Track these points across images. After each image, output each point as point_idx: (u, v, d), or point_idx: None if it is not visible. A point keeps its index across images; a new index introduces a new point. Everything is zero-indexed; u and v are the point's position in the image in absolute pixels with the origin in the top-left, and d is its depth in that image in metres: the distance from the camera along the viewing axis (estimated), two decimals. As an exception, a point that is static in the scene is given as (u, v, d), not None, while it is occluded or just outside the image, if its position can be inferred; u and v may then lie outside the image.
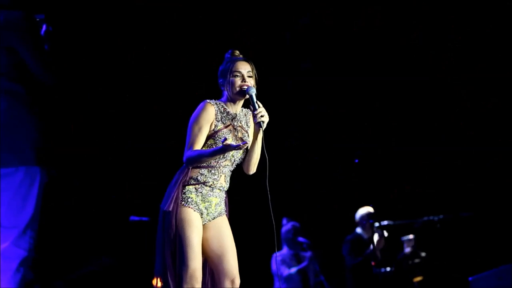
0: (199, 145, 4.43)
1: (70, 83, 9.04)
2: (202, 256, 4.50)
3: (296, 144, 10.64)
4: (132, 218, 8.38)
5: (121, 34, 9.02)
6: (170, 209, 4.40)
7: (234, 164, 4.60)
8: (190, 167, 4.48)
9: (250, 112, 4.62)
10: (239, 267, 4.63)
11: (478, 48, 9.74)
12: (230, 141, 4.40)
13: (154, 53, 9.17)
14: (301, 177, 10.72)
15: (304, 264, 9.06)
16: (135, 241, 8.67)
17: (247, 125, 4.65)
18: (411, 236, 9.15)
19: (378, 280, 8.65)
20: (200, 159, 4.41)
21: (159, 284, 4.55)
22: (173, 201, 4.42)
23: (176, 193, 4.44)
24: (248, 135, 4.63)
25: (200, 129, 4.43)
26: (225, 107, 4.55)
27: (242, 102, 4.61)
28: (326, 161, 10.71)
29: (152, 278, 8.27)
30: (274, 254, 8.93)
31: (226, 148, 4.30)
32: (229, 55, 4.66)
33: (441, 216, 9.10)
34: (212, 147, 4.46)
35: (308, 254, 9.14)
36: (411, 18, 9.86)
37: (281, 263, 9.05)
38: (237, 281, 4.54)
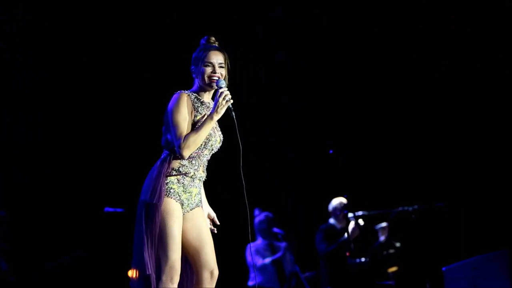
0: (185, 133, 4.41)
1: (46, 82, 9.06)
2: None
3: (270, 134, 10.64)
4: (107, 209, 8.35)
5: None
6: (156, 201, 4.37)
7: (211, 153, 4.59)
8: (171, 159, 4.46)
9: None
10: (222, 258, 4.66)
11: (478, 48, 9.78)
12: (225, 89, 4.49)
13: (123, 48, 9.15)
14: (275, 168, 10.73)
15: (278, 254, 9.08)
16: (109, 232, 8.65)
17: None
18: (384, 224, 9.20)
19: (353, 271, 8.68)
20: (197, 139, 4.40)
21: (135, 275, 4.53)
22: (158, 193, 4.39)
23: (160, 185, 4.40)
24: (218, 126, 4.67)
25: (184, 118, 4.42)
26: (199, 96, 4.55)
27: (213, 91, 4.59)
28: (300, 151, 10.72)
29: (128, 269, 8.29)
30: (249, 245, 8.94)
31: (219, 102, 4.40)
32: (204, 42, 4.63)
33: (415, 207, 9.12)
34: None
35: (282, 244, 9.15)
36: (409, 17, 9.91)
37: (256, 253, 9.06)
38: (216, 272, 4.55)
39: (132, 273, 4.53)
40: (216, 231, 4.73)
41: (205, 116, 4.49)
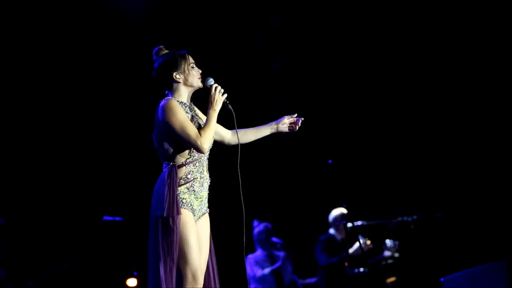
0: (197, 130, 4.50)
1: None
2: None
3: (268, 143, 10.62)
4: (106, 218, 8.37)
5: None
6: (175, 214, 4.41)
7: (209, 151, 4.66)
8: (176, 169, 4.50)
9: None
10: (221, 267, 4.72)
11: (478, 48, 9.78)
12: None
13: (123, 50, 9.16)
14: (273, 177, 10.73)
15: (277, 264, 9.07)
16: (108, 241, 8.66)
17: (195, 111, 4.72)
18: (396, 243, 9.14)
19: (351, 281, 8.68)
20: (211, 131, 4.55)
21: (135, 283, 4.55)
22: (175, 206, 4.43)
23: (175, 197, 4.45)
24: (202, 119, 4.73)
25: (187, 119, 4.50)
26: (180, 100, 4.62)
27: (191, 91, 4.69)
28: (299, 161, 10.72)
29: (126, 278, 8.31)
30: (248, 256, 8.96)
31: (216, 95, 4.57)
32: (172, 50, 4.70)
33: (414, 217, 9.13)
34: None
35: (281, 254, 9.15)
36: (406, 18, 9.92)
37: (255, 264, 9.06)
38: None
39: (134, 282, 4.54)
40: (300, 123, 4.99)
41: (205, 113, 4.61)
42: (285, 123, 5.01)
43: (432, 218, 9.31)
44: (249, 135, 4.92)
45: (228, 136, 4.88)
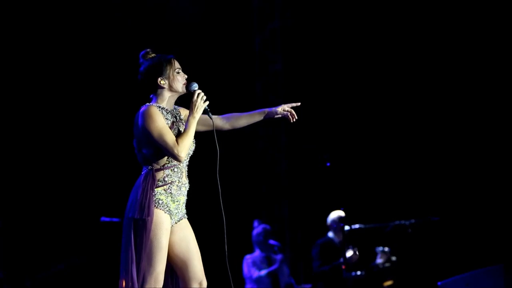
0: (174, 138, 4.47)
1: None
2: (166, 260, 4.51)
3: (267, 146, 10.64)
4: (103, 219, 8.37)
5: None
6: (146, 216, 4.40)
7: (188, 157, 4.65)
8: (153, 172, 4.50)
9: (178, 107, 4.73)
10: (209, 269, 4.68)
11: (478, 48, 9.78)
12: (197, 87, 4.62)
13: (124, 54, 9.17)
14: (271, 180, 10.73)
15: (274, 266, 9.08)
16: (105, 242, 8.66)
17: (180, 118, 4.69)
18: (386, 249, 9.16)
19: (349, 284, 8.67)
20: (189, 140, 4.50)
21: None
22: (146, 208, 4.41)
23: (148, 199, 4.43)
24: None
25: (165, 126, 4.48)
26: (161, 105, 4.61)
27: (175, 97, 4.67)
28: (297, 164, 10.72)
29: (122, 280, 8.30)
30: (245, 256, 8.97)
31: (197, 102, 4.53)
32: (159, 55, 4.69)
33: (412, 221, 9.13)
34: None
35: (278, 256, 9.16)
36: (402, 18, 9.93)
37: (252, 265, 9.07)
38: (204, 283, 4.60)
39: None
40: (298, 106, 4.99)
41: (179, 121, 4.60)
42: (285, 110, 4.96)
43: (429, 222, 9.31)
44: (242, 120, 4.86)
45: (217, 123, 4.79)
